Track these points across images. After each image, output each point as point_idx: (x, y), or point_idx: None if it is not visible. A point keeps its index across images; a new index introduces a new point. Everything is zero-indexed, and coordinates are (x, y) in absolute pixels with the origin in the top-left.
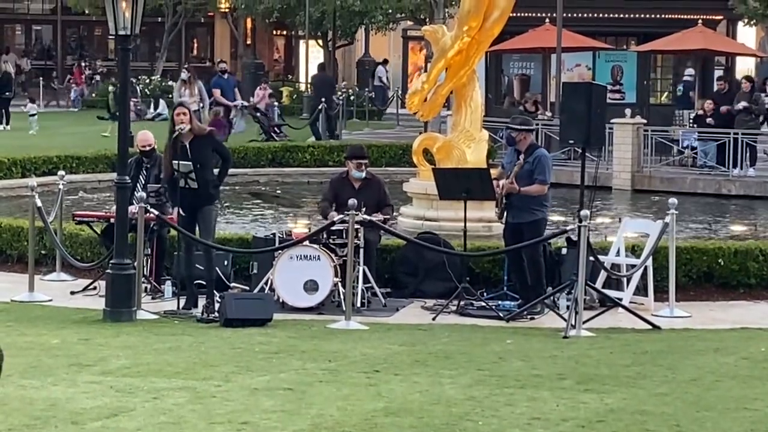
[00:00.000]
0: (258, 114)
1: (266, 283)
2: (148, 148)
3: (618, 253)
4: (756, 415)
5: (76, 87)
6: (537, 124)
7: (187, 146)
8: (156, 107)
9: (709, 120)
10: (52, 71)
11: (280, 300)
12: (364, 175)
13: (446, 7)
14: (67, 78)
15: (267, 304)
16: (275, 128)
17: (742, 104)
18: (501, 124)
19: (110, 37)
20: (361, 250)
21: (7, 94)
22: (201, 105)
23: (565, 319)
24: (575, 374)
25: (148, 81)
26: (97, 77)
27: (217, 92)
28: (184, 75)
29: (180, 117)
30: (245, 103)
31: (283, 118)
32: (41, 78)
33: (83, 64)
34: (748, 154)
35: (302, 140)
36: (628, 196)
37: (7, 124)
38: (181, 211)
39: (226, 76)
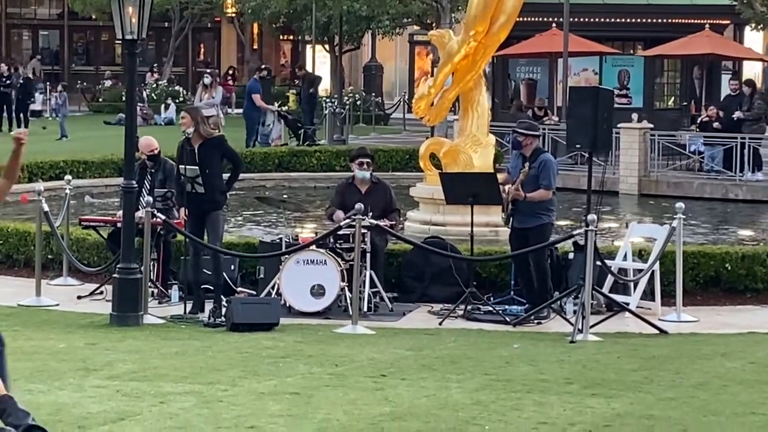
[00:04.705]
0: (290, 118)
1: (273, 288)
2: (155, 152)
3: (625, 258)
4: (763, 419)
5: (227, 94)
6: (544, 129)
7: (196, 150)
8: (167, 109)
9: (716, 124)
10: (58, 75)
11: (287, 304)
12: (368, 175)
13: (453, 11)
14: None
15: (274, 309)
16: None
17: (737, 115)
18: (508, 128)
19: (117, 41)
20: (368, 255)
21: (30, 101)
22: (217, 111)
23: (572, 324)
24: (582, 379)
25: (155, 86)
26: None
27: (257, 97)
28: (206, 80)
29: (182, 121)
30: (278, 109)
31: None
32: (48, 83)
33: (230, 72)
34: (753, 159)
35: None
36: (635, 200)
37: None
38: (185, 214)
39: (260, 80)
